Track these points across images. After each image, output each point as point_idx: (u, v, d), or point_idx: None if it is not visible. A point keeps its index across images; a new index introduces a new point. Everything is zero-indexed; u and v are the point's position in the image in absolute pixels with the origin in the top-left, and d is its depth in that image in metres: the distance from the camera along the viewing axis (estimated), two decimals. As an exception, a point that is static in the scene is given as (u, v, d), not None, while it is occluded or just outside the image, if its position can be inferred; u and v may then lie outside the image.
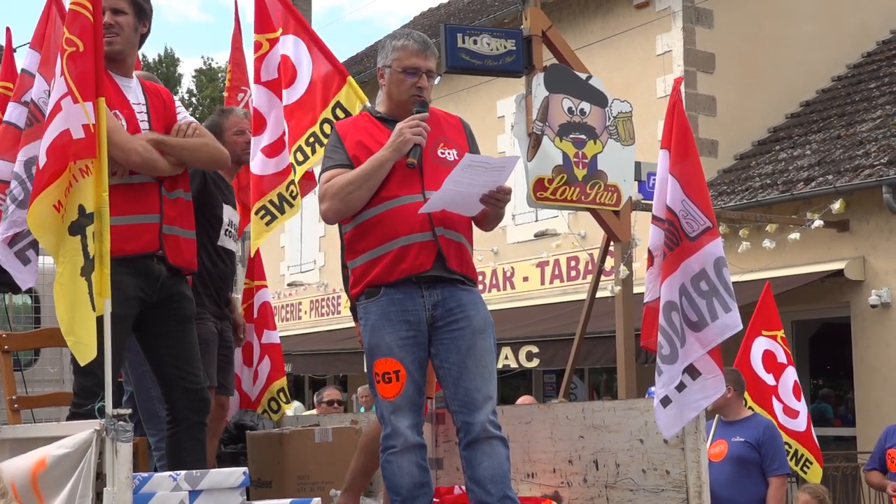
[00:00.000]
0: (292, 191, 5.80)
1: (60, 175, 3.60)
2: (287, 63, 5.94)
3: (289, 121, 5.84)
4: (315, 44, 6.00)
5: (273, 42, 5.99)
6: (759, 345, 7.56)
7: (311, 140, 5.82)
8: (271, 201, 5.78)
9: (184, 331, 4.40)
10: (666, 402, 3.96)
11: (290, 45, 5.96)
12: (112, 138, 3.88)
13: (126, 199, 4.19)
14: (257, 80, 6.01)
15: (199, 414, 4.39)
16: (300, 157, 5.81)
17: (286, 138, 5.84)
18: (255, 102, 5.97)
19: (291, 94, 5.89)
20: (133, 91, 4.41)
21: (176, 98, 4.70)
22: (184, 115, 4.56)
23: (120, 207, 4.13)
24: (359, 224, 4.11)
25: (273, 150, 5.85)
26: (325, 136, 5.73)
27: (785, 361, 7.61)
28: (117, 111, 4.26)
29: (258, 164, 5.79)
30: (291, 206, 5.79)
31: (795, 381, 7.60)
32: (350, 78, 5.96)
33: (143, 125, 4.36)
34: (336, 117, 5.80)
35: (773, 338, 7.63)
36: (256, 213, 5.83)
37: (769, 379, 7.50)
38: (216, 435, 5.39)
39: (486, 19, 17.24)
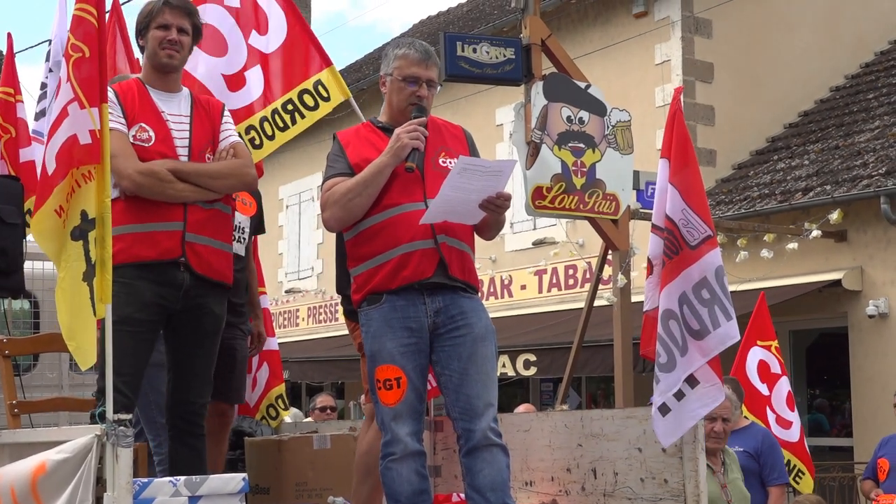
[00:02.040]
0: (253, 137, 5.60)
1: (62, 180, 3.62)
2: (257, 6, 5.78)
3: (265, 69, 5.69)
4: (294, 15, 5.87)
5: None
6: (755, 355, 7.58)
7: (290, 108, 5.74)
8: None
9: (200, 344, 4.41)
10: (664, 410, 3.96)
11: None
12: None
13: (147, 207, 4.20)
14: (217, 0, 5.69)
15: (187, 423, 4.43)
16: (280, 123, 5.67)
17: (263, 79, 5.67)
18: (211, 20, 5.56)
19: (265, 42, 5.74)
20: (175, 103, 4.44)
21: (226, 111, 4.65)
22: (228, 133, 4.54)
23: (140, 215, 4.17)
24: (361, 231, 4.12)
25: (234, 83, 5.64)
26: (305, 106, 5.77)
27: (779, 372, 7.62)
28: (143, 124, 4.30)
29: (221, 93, 5.49)
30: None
31: (789, 392, 7.62)
32: (333, 66, 5.89)
33: (182, 135, 4.37)
34: (318, 94, 5.80)
35: (768, 348, 7.65)
36: None
37: (763, 389, 7.52)
38: (221, 442, 5.39)
39: (485, 28, 17.26)
